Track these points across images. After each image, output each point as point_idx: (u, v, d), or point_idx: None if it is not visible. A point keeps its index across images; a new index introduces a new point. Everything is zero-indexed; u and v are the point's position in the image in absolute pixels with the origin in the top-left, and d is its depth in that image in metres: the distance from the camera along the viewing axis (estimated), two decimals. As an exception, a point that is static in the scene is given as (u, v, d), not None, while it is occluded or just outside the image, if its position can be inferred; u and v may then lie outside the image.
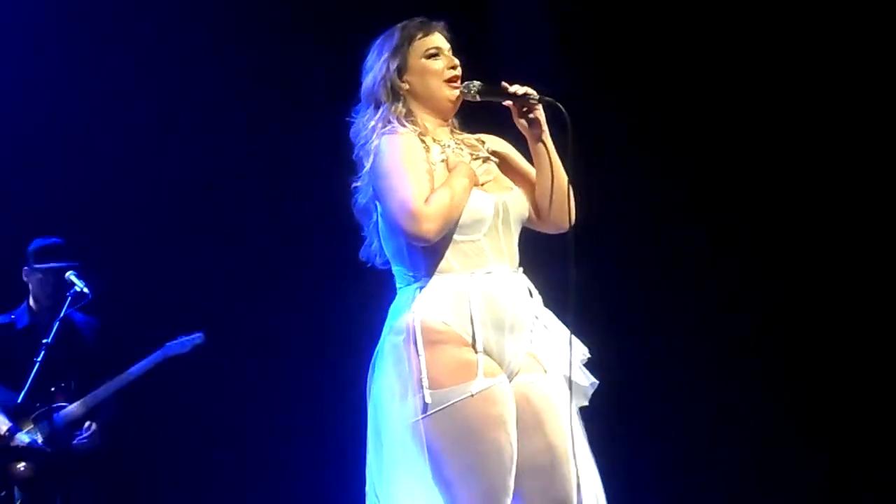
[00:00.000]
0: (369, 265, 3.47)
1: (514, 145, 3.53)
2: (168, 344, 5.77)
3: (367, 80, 3.43)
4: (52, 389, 5.68)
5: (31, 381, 5.47)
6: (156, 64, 6.32)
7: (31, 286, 5.83)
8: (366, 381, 3.35)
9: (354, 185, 3.43)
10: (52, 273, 5.73)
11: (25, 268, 5.81)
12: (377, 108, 3.40)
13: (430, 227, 3.22)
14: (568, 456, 3.32)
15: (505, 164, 3.49)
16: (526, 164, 3.50)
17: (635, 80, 6.03)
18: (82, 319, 5.84)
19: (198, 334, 5.82)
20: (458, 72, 3.44)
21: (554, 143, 3.43)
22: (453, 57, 3.45)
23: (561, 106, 3.34)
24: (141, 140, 6.37)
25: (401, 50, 3.41)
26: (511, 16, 6.02)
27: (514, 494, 3.27)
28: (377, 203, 3.36)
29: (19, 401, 5.52)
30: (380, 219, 3.38)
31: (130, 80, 6.36)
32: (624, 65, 6.05)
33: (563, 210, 3.43)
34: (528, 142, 3.43)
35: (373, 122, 3.39)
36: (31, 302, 5.85)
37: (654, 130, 6.04)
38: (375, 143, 3.34)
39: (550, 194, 3.43)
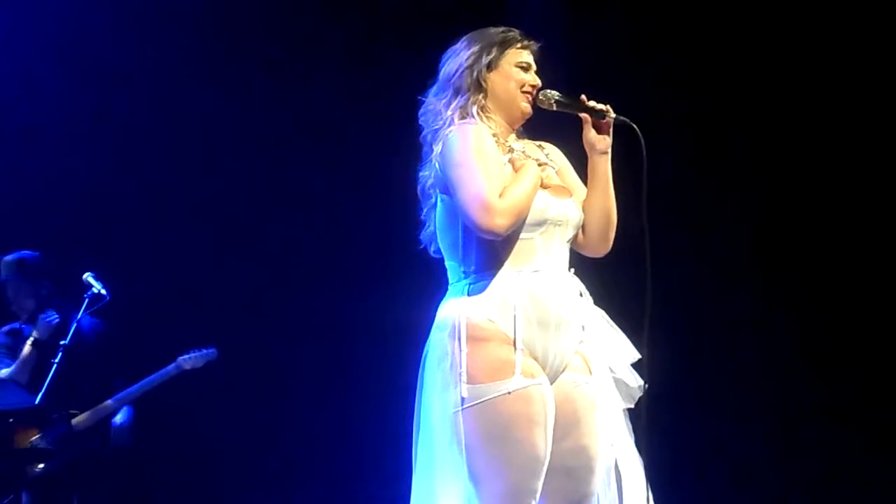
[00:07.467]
0: (422, 247, 3.49)
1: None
2: (180, 358, 5.76)
3: (451, 65, 3.44)
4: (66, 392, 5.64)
5: (49, 383, 5.44)
6: (174, 71, 6.33)
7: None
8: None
9: (420, 169, 3.44)
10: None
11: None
12: (456, 94, 3.41)
13: (502, 221, 3.24)
14: (599, 459, 3.33)
15: (560, 175, 3.50)
16: (578, 181, 3.52)
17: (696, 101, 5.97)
18: (90, 322, 5.80)
19: (211, 349, 5.80)
20: (534, 92, 3.46)
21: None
22: (538, 78, 3.48)
23: (636, 127, 3.36)
24: (158, 147, 6.35)
25: (497, 48, 3.43)
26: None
27: (541, 493, 3.26)
28: (437, 190, 3.37)
29: (37, 402, 5.48)
30: (440, 207, 3.39)
31: (149, 90, 6.34)
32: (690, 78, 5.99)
33: (605, 235, 3.46)
34: (590, 158, 3.45)
35: (449, 111, 3.39)
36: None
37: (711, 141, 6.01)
38: (450, 131, 3.34)
39: (598, 215, 3.43)
